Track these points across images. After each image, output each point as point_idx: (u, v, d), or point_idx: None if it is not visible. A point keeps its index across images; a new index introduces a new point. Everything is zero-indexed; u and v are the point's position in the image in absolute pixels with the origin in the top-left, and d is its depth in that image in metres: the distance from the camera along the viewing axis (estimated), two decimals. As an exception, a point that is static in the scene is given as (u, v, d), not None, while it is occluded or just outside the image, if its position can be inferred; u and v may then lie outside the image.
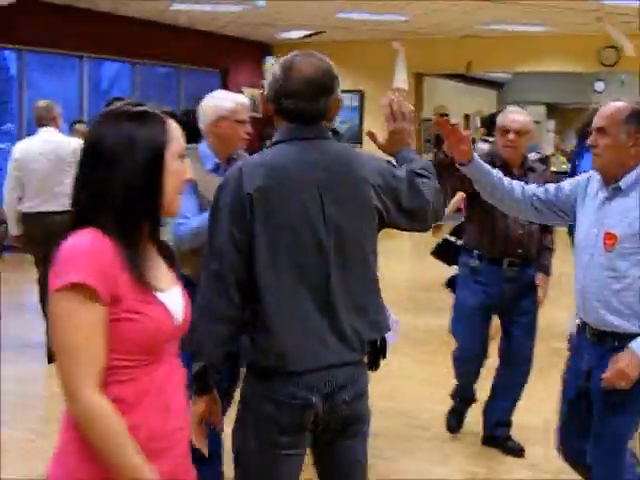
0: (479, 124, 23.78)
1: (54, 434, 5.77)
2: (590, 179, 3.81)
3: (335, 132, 4.31)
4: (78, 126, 9.68)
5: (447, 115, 21.60)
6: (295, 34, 17.92)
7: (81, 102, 15.45)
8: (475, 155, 3.82)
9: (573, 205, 3.86)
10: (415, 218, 3.05)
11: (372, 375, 3.15)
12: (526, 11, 14.16)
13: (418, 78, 19.12)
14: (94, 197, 2.18)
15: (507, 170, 5.02)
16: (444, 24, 16.08)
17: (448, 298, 10.14)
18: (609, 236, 3.57)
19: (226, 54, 18.43)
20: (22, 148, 7.70)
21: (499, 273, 5.24)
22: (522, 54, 17.70)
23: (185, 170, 2.30)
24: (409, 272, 13.41)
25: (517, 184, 4.01)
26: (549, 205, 3.95)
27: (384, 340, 3.06)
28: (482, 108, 23.32)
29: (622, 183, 3.60)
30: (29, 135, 8.39)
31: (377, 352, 3.06)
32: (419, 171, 3.10)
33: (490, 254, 5.24)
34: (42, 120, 7.70)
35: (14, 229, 7.65)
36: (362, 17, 15.31)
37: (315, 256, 2.85)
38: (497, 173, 3.96)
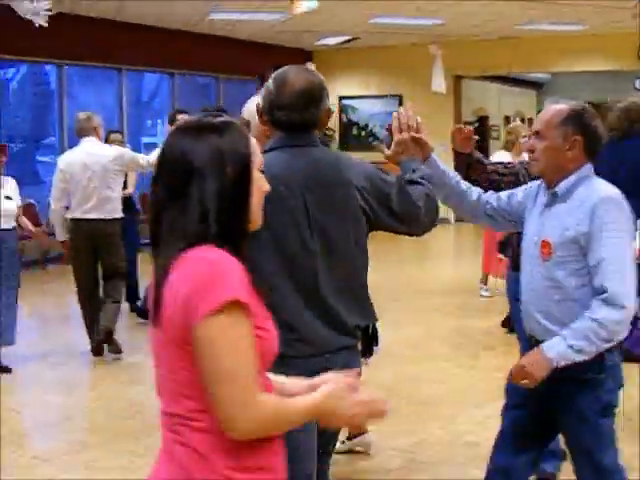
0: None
1: (99, 445, 5.89)
2: (540, 186, 3.65)
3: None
4: (114, 136, 9.81)
5: (487, 117, 21.53)
6: (332, 40, 17.97)
7: (120, 114, 15.61)
8: (433, 155, 3.65)
9: (522, 215, 3.71)
10: (404, 221, 3.18)
11: (410, 379, 3.23)
12: (563, 11, 14.08)
13: (457, 80, 19.09)
14: (191, 213, 2.06)
15: None
16: (481, 26, 16.04)
17: (485, 301, 10.13)
18: (544, 244, 3.43)
19: (264, 62, 18.42)
20: (66, 160, 7.93)
21: None
22: (561, 54, 17.62)
23: (265, 183, 2.24)
24: (446, 276, 13.34)
25: (475, 190, 3.83)
26: (502, 213, 3.79)
27: (375, 328, 3.26)
28: (522, 109, 23.22)
29: (558, 189, 3.45)
30: (71, 147, 8.61)
31: (370, 339, 3.26)
32: (416, 179, 3.22)
33: None
34: (83, 131, 7.94)
35: (61, 235, 7.94)
36: (397, 22, 15.30)
37: (302, 257, 3.03)
38: (455, 176, 3.81)
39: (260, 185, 2.20)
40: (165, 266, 2.05)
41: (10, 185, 7.66)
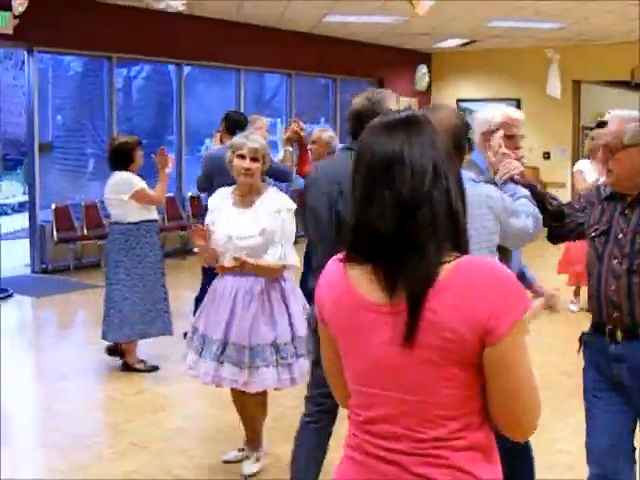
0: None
1: (193, 433, 6.04)
2: None
3: None
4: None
5: (605, 123, 21.11)
6: (450, 43, 17.93)
7: (238, 113, 15.90)
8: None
9: None
10: None
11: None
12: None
13: (575, 85, 18.80)
14: (442, 219, 1.94)
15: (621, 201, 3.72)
16: (602, 30, 15.77)
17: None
18: None
19: (381, 64, 18.57)
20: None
21: (605, 346, 3.73)
22: (685, 59, 17.16)
23: None
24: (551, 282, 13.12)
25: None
26: None
27: None
28: (644, 115, 22.67)
29: None
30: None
31: None
32: None
33: (593, 319, 3.82)
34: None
35: None
36: (516, 25, 15.18)
37: (327, 231, 4.03)
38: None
39: None
40: (428, 279, 1.92)
41: None
